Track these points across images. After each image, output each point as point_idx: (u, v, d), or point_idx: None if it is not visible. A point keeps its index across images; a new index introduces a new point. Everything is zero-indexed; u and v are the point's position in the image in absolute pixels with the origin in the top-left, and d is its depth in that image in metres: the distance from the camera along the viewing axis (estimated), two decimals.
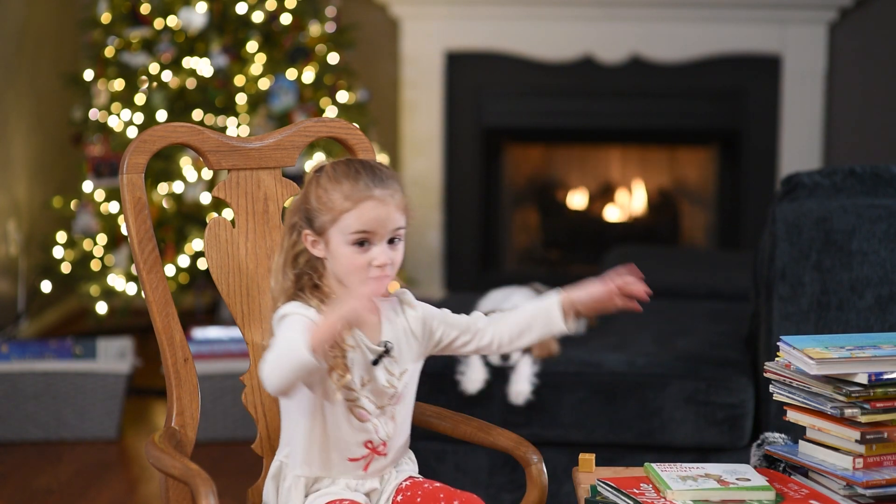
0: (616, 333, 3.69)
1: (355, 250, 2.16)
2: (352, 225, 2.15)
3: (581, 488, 2.21)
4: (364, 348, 2.21)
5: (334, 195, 2.16)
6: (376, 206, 2.17)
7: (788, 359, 2.17)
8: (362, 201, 2.16)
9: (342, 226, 2.16)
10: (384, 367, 2.23)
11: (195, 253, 5.06)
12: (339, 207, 2.16)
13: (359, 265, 2.16)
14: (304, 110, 5.16)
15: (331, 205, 2.16)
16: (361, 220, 2.16)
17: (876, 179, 3.17)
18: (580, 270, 6.33)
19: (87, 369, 4.35)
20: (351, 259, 2.16)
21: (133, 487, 4.04)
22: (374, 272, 2.17)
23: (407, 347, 2.26)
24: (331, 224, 2.16)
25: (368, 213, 2.16)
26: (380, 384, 2.21)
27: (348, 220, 2.16)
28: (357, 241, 2.16)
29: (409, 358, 2.26)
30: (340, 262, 2.17)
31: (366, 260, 2.16)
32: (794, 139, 5.99)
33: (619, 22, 5.97)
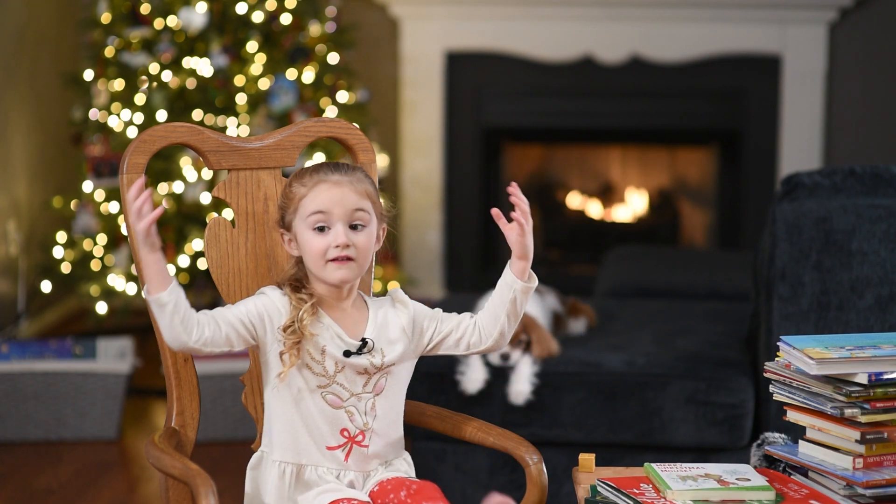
0: (616, 333, 3.69)
1: (315, 235, 2.23)
2: (308, 207, 2.22)
3: (581, 488, 2.21)
4: (339, 340, 2.24)
5: (294, 187, 2.25)
6: (330, 188, 2.23)
7: (788, 359, 2.17)
8: (317, 184, 2.23)
9: (301, 212, 2.23)
10: (365, 356, 2.25)
11: (195, 253, 5.06)
12: (299, 195, 2.24)
13: (319, 248, 2.22)
14: (304, 110, 5.16)
15: (291, 196, 2.25)
16: (316, 200, 2.22)
17: (876, 179, 3.17)
18: (580, 270, 6.33)
19: (87, 369, 4.35)
20: (312, 244, 2.23)
21: (133, 487, 4.04)
22: (333, 253, 2.21)
23: (396, 342, 2.29)
24: (294, 215, 2.24)
25: (322, 193, 2.22)
26: (355, 370, 2.24)
27: (305, 205, 2.23)
28: (315, 224, 2.22)
29: (397, 353, 2.29)
30: (305, 251, 2.24)
31: (325, 243, 2.22)
32: (794, 139, 5.99)
33: (619, 22, 5.97)
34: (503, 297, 2.35)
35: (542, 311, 3.60)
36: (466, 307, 3.70)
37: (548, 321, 3.61)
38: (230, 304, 2.27)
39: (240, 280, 2.36)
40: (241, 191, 2.38)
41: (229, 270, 2.36)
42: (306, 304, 2.22)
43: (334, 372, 2.24)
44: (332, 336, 2.24)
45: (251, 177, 2.39)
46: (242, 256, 2.37)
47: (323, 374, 2.23)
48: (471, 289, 5.82)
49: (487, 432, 2.36)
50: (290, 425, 2.24)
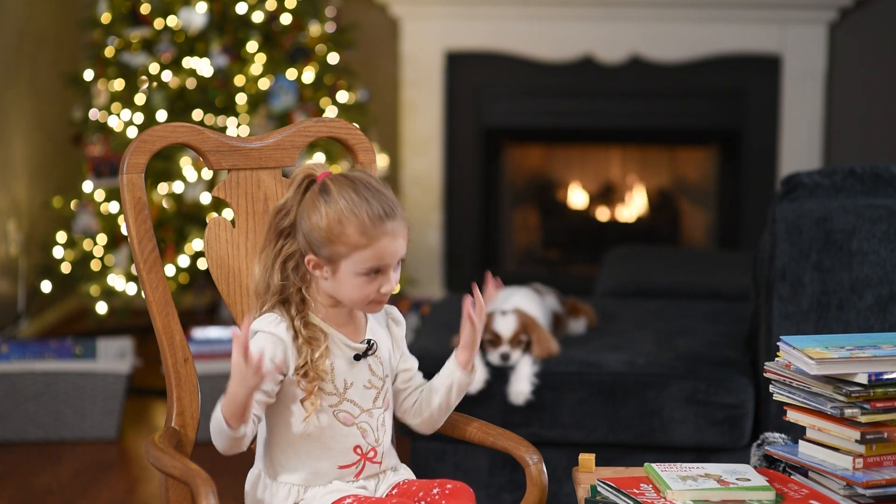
0: (616, 333, 3.69)
1: (364, 280, 2.16)
2: (366, 261, 2.15)
3: (581, 488, 2.21)
4: (344, 348, 2.22)
5: (349, 229, 2.14)
6: (391, 243, 2.16)
7: (788, 359, 2.17)
8: (378, 239, 2.14)
9: (355, 260, 2.15)
10: (367, 365, 2.24)
11: (195, 253, 5.06)
12: (355, 243, 2.14)
13: (367, 294, 2.17)
14: (304, 110, 5.16)
15: (345, 239, 2.14)
16: (377, 256, 2.15)
17: (876, 179, 3.17)
18: (580, 270, 6.34)
19: (87, 369, 4.35)
20: (359, 289, 2.17)
21: (133, 487, 4.04)
22: (378, 297, 2.18)
23: (387, 351, 2.29)
24: (343, 258, 2.15)
25: (384, 249, 2.15)
26: (362, 384, 2.23)
27: (363, 257, 2.15)
28: (369, 272, 2.16)
29: (387, 365, 2.28)
30: (345, 289, 2.18)
31: (374, 289, 2.17)
32: (794, 139, 5.99)
33: (619, 22, 5.97)
34: (441, 381, 2.32)
35: (542, 311, 3.60)
36: None
37: (548, 321, 3.61)
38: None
39: (240, 280, 2.36)
40: (241, 191, 2.38)
41: (229, 270, 2.36)
42: (320, 344, 2.18)
43: (344, 389, 2.21)
44: (337, 347, 2.21)
45: (251, 177, 2.39)
46: (242, 256, 2.37)
47: (334, 393, 2.21)
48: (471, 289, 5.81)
49: (487, 432, 2.36)
50: (297, 450, 2.21)
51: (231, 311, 2.37)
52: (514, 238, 6.42)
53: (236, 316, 2.36)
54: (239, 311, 2.36)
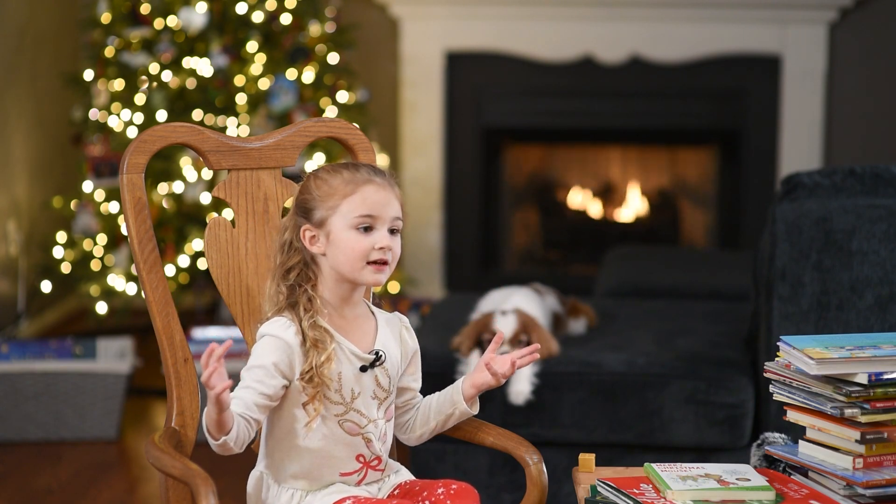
0: (616, 333, 3.69)
1: (358, 235, 2.17)
2: (355, 209, 2.17)
3: (581, 488, 2.21)
4: (353, 357, 2.20)
5: (335, 182, 2.19)
6: (378, 190, 2.18)
7: (788, 359, 2.17)
8: (364, 184, 2.18)
9: (344, 210, 2.17)
10: (374, 376, 2.22)
11: (195, 253, 5.06)
12: (341, 192, 2.17)
13: (361, 249, 2.17)
14: (304, 110, 5.16)
15: (331, 191, 2.18)
16: (365, 202, 2.17)
17: (876, 179, 3.17)
18: (580, 270, 6.34)
19: (87, 369, 4.35)
20: (353, 243, 2.17)
21: (133, 487, 4.04)
22: (375, 255, 2.17)
23: (395, 362, 2.27)
24: (332, 211, 2.18)
25: (371, 195, 2.18)
26: (369, 395, 2.21)
27: (351, 205, 2.17)
28: (360, 224, 2.17)
29: (395, 373, 2.26)
30: (342, 250, 2.18)
31: (369, 244, 2.17)
32: (794, 139, 5.99)
33: (619, 22, 5.97)
34: (441, 408, 2.32)
35: (542, 311, 3.60)
36: (466, 307, 3.71)
37: (548, 321, 3.61)
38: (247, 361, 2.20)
39: (240, 280, 2.36)
40: (241, 191, 2.38)
41: (229, 270, 2.36)
42: (327, 347, 2.17)
43: (351, 399, 2.20)
44: (345, 356, 2.20)
45: (251, 177, 2.39)
46: (242, 256, 2.37)
47: (341, 403, 2.19)
48: (471, 289, 5.82)
49: (487, 432, 2.36)
50: (301, 456, 2.21)
51: (231, 311, 2.37)
52: (514, 238, 6.42)
53: (236, 316, 2.36)
54: (239, 311, 2.36)
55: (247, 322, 2.37)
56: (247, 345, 2.37)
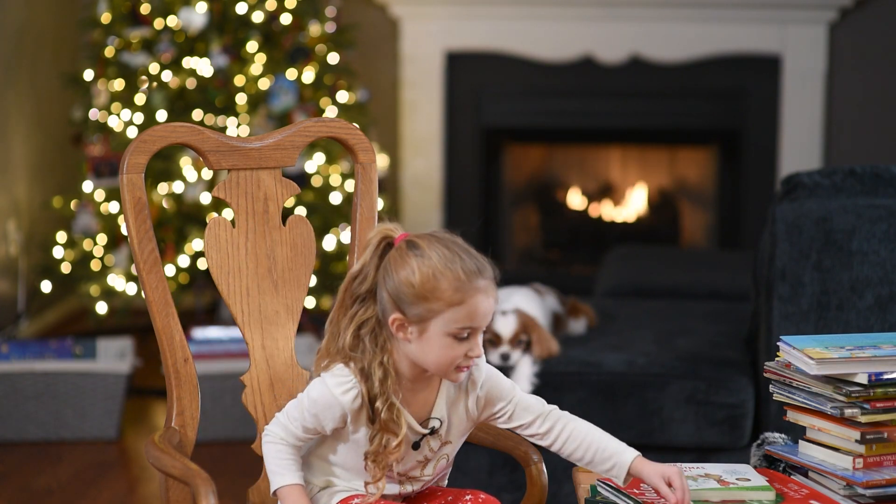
0: (616, 333, 3.69)
1: (454, 342, 2.02)
2: (459, 320, 2.01)
3: (581, 488, 2.21)
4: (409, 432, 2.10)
5: (443, 284, 2.01)
6: (485, 300, 2.03)
7: (788, 359, 2.17)
8: (473, 295, 2.02)
9: (447, 318, 2.01)
10: (426, 442, 2.14)
11: (195, 253, 5.06)
12: (449, 299, 2.01)
13: (454, 357, 2.03)
14: (304, 110, 5.16)
15: (439, 294, 2.01)
16: (470, 315, 2.02)
17: (876, 179, 3.17)
18: (580, 270, 6.34)
19: (87, 369, 4.35)
20: (448, 350, 2.02)
21: (133, 487, 4.04)
22: (465, 362, 2.05)
23: (456, 422, 2.15)
24: (434, 316, 2.01)
25: (479, 307, 2.02)
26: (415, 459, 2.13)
27: (456, 315, 2.01)
28: (460, 335, 2.02)
29: (455, 433, 2.16)
30: (432, 351, 2.03)
31: (461, 352, 2.03)
32: (794, 139, 5.99)
33: (619, 22, 5.97)
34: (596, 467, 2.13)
35: (542, 311, 3.60)
36: None
37: (548, 321, 3.61)
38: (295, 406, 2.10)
39: (240, 280, 2.36)
40: (241, 191, 2.38)
41: (229, 270, 2.36)
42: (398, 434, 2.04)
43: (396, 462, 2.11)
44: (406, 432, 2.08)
45: (251, 177, 2.39)
46: (242, 256, 2.37)
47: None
48: None
49: (487, 432, 2.36)
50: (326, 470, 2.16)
51: (231, 311, 2.37)
52: (514, 238, 6.42)
53: (236, 316, 2.36)
54: (239, 311, 2.36)
55: (247, 322, 2.36)
56: (247, 345, 2.37)
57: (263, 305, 2.37)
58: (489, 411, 2.15)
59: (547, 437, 2.14)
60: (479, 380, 2.14)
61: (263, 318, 2.36)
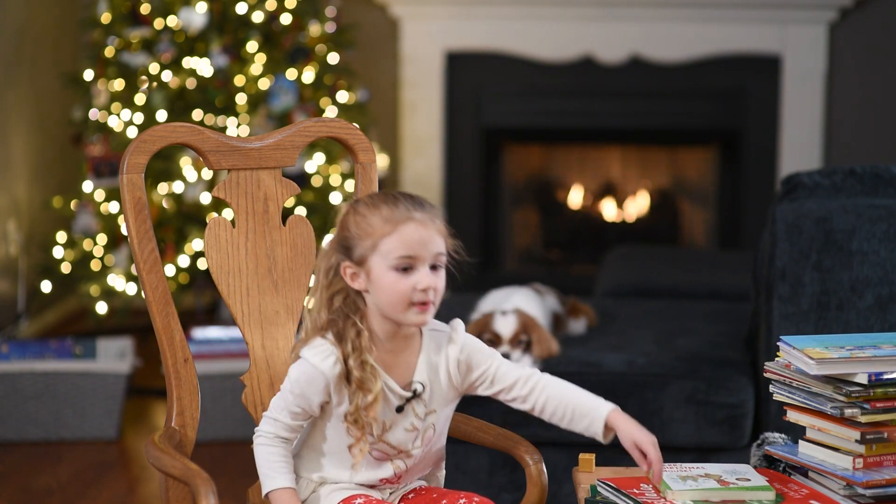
0: (616, 333, 3.69)
1: (398, 276, 2.08)
2: (394, 249, 2.08)
3: (581, 488, 2.21)
4: (390, 394, 2.14)
5: (373, 219, 2.09)
6: (417, 229, 2.09)
7: (788, 359, 2.17)
8: (403, 223, 2.08)
9: (383, 251, 2.08)
10: (411, 408, 2.16)
11: (195, 253, 5.06)
12: (380, 231, 2.08)
13: (402, 291, 2.08)
14: (304, 110, 5.16)
15: (370, 230, 2.08)
16: (404, 242, 2.08)
17: (876, 179, 3.17)
18: (580, 270, 6.33)
19: (87, 369, 4.35)
20: (394, 285, 2.08)
21: (133, 487, 4.04)
22: (417, 296, 2.09)
23: (439, 388, 2.19)
24: (371, 251, 2.08)
25: (410, 235, 2.08)
26: (402, 427, 2.16)
27: (390, 245, 2.08)
28: (400, 266, 2.08)
29: (439, 400, 2.19)
30: (383, 290, 2.09)
31: (409, 284, 2.08)
32: (794, 139, 5.99)
33: (619, 22, 5.97)
34: (575, 426, 2.20)
35: (542, 311, 3.60)
36: (467, 307, 3.71)
37: (548, 321, 3.61)
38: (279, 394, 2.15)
39: (240, 280, 2.36)
40: (241, 191, 2.38)
41: (229, 270, 2.36)
42: (373, 389, 2.09)
43: (382, 431, 2.15)
44: (383, 392, 2.13)
45: (251, 177, 2.39)
46: (242, 256, 2.37)
47: (370, 433, 2.14)
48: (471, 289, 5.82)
49: (487, 432, 2.36)
50: (320, 460, 2.18)
51: (231, 311, 2.37)
52: (514, 238, 6.42)
53: (236, 316, 2.36)
54: (239, 311, 2.36)
55: (247, 322, 2.36)
56: (247, 345, 2.37)
57: (263, 305, 2.37)
58: (471, 377, 2.20)
59: (528, 401, 2.20)
60: (459, 341, 2.19)
61: (263, 318, 2.37)
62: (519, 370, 2.21)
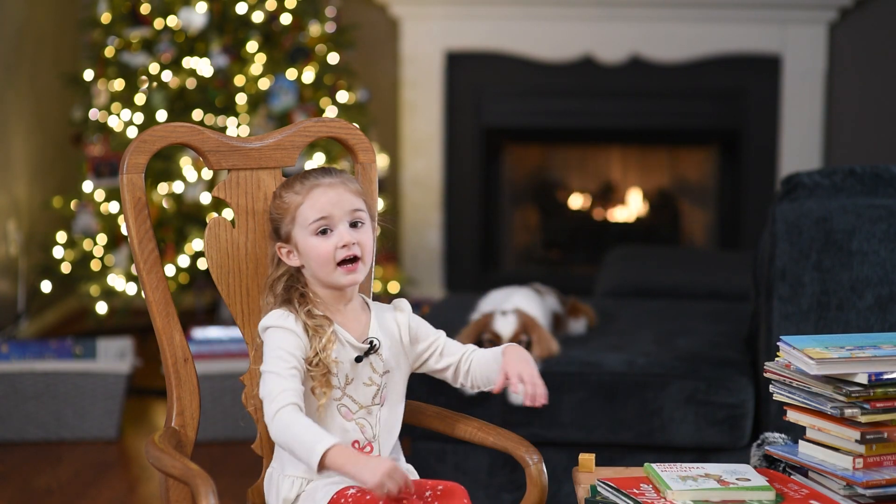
0: (616, 333, 3.69)
1: (319, 240, 2.22)
2: (308, 216, 2.22)
3: (581, 488, 2.21)
4: (348, 346, 2.25)
5: (287, 196, 2.25)
6: (326, 191, 2.23)
7: (788, 359, 2.17)
8: (311, 190, 2.23)
9: (300, 220, 2.23)
10: (369, 363, 2.27)
11: (195, 253, 5.06)
12: (294, 204, 2.23)
13: (326, 252, 2.22)
14: (304, 110, 5.16)
15: (286, 206, 2.24)
16: (315, 206, 2.22)
17: (876, 179, 3.17)
18: (580, 270, 6.33)
19: (87, 369, 4.35)
20: (317, 249, 2.22)
21: (133, 487, 4.04)
22: (340, 254, 2.22)
23: (391, 349, 2.30)
24: (292, 224, 2.24)
25: (319, 198, 2.22)
26: (362, 381, 2.25)
27: (303, 213, 2.22)
28: (318, 229, 2.22)
29: (393, 361, 2.30)
30: (310, 257, 2.23)
31: (331, 245, 2.22)
32: (794, 139, 5.99)
33: (619, 22, 5.97)
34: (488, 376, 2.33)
35: (542, 311, 3.60)
36: (466, 307, 3.71)
37: (548, 321, 3.61)
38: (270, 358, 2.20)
39: (240, 280, 2.37)
40: (241, 191, 2.38)
41: (229, 270, 2.36)
42: (326, 331, 2.21)
43: (345, 384, 2.25)
44: (341, 343, 2.24)
45: (251, 177, 2.39)
46: (242, 256, 2.37)
47: (337, 386, 2.24)
48: (471, 289, 5.82)
49: (487, 432, 2.36)
50: None
51: (231, 311, 2.37)
52: (514, 238, 6.42)
53: (236, 316, 2.36)
54: (239, 311, 2.36)
55: (247, 322, 2.37)
56: (247, 345, 2.37)
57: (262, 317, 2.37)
58: (419, 348, 2.33)
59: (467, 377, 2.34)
60: (406, 310, 2.33)
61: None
62: (462, 347, 2.36)
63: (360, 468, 2.07)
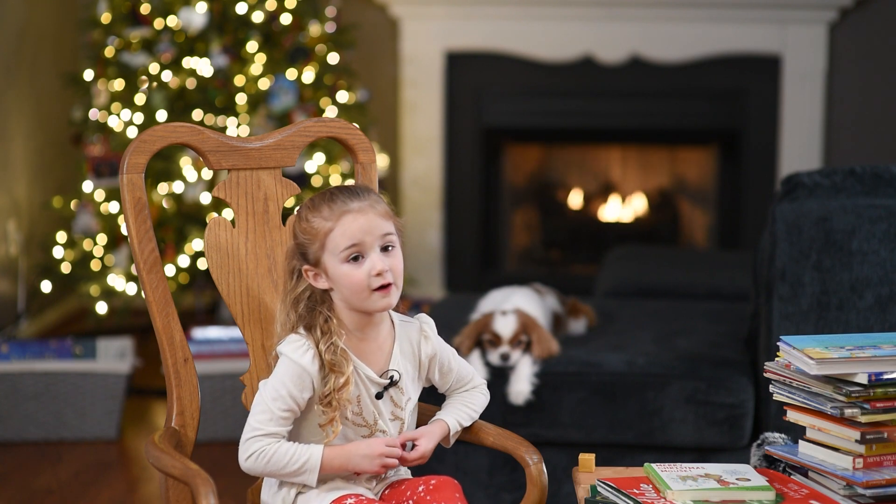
0: (616, 333, 3.69)
1: (351, 267, 2.17)
2: (339, 243, 2.17)
3: (581, 488, 2.21)
4: (368, 384, 2.21)
5: (315, 221, 2.18)
6: (356, 217, 2.17)
7: (788, 359, 2.17)
8: (341, 217, 2.17)
9: (331, 247, 2.17)
10: (390, 397, 2.24)
11: (195, 253, 5.06)
12: (323, 230, 2.17)
13: (359, 280, 2.17)
14: (304, 110, 5.16)
15: (315, 232, 2.18)
16: (346, 234, 2.16)
17: (876, 179, 3.17)
18: (580, 270, 6.34)
19: (87, 369, 4.35)
20: (350, 277, 2.17)
21: (133, 487, 4.04)
22: (375, 282, 2.17)
23: (413, 375, 2.27)
24: (321, 251, 2.18)
25: (350, 225, 2.17)
26: (388, 418, 2.23)
27: (334, 240, 2.17)
28: (349, 256, 2.17)
29: (412, 387, 2.28)
30: (342, 284, 2.18)
31: (364, 272, 2.17)
32: (794, 139, 5.99)
33: (619, 22, 5.97)
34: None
35: (542, 311, 3.60)
36: (466, 307, 3.71)
37: (548, 321, 3.61)
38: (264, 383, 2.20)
39: (240, 280, 2.36)
40: (241, 191, 2.38)
41: (229, 270, 2.36)
42: (345, 372, 2.16)
43: (374, 421, 2.22)
44: (362, 381, 2.20)
45: (251, 177, 2.39)
46: (242, 256, 2.37)
47: (364, 425, 2.22)
48: (471, 289, 5.82)
49: (487, 432, 2.36)
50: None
51: (231, 311, 2.37)
52: (514, 238, 6.42)
53: (236, 316, 2.36)
54: (239, 311, 2.36)
55: (247, 322, 2.37)
56: (247, 345, 2.37)
57: (263, 305, 2.37)
58: (436, 378, 2.32)
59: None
60: (432, 338, 2.29)
61: (263, 318, 2.37)
62: (471, 374, 2.38)
63: (356, 462, 2.16)
